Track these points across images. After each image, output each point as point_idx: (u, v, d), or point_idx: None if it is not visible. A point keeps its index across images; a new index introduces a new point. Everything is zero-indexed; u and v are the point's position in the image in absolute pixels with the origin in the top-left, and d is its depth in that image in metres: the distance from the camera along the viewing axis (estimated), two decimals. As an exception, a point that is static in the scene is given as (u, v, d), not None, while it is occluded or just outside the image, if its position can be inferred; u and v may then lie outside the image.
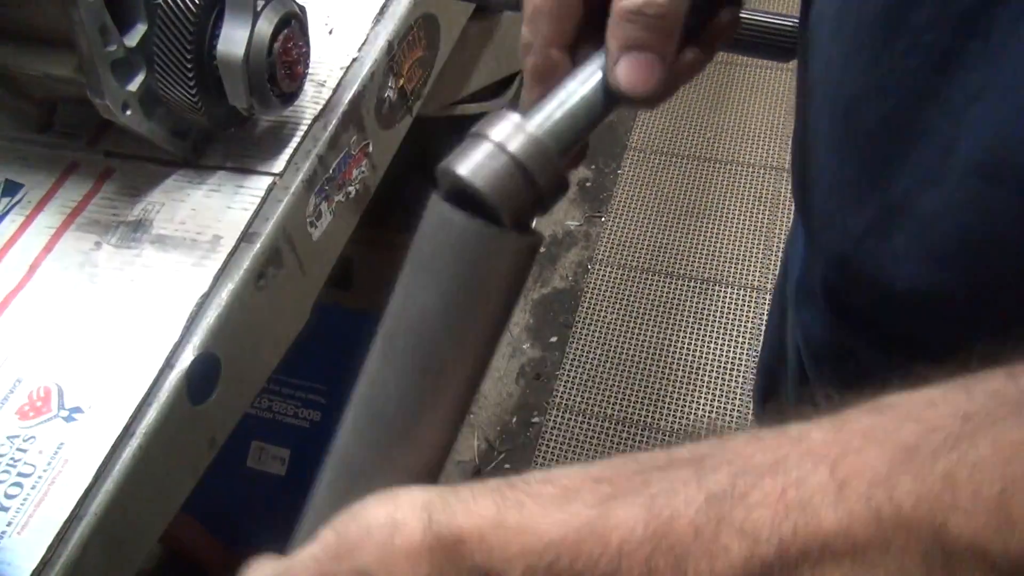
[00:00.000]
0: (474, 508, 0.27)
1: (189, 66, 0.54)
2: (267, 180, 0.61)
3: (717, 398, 1.54)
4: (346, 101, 0.67)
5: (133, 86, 0.54)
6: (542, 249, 1.83)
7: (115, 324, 0.54)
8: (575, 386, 1.59)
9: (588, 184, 1.95)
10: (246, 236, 0.58)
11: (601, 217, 1.87)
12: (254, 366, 0.60)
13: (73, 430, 0.49)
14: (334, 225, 0.67)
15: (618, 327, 1.67)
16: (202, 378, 0.54)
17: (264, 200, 0.60)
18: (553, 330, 1.69)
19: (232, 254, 0.57)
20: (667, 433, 1.51)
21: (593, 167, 1.98)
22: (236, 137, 0.64)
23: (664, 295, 1.71)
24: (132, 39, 0.53)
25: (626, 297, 1.72)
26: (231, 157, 0.63)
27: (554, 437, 1.53)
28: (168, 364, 0.52)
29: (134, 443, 0.49)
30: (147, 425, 0.50)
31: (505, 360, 1.66)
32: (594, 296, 1.73)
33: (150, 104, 0.57)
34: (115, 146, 0.65)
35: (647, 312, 1.69)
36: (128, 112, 0.54)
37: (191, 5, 0.53)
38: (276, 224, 0.59)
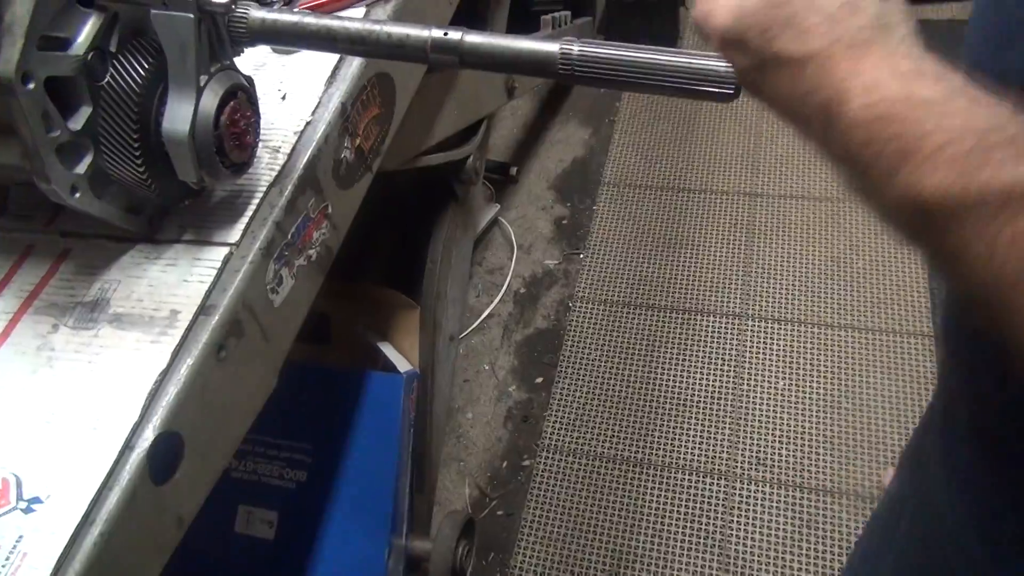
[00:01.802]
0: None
1: (136, 145, 0.54)
2: (223, 251, 0.60)
3: (706, 428, 1.53)
4: (301, 165, 0.67)
5: (81, 168, 0.54)
6: (522, 290, 1.83)
7: (74, 408, 0.53)
8: (564, 426, 1.58)
9: (564, 222, 1.96)
10: (204, 309, 0.58)
11: (580, 254, 1.88)
12: (220, 439, 0.59)
13: (32, 521, 0.48)
14: (296, 289, 0.67)
15: (603, 363, 1.67)
16: (164, 457, 0.53)
17: (221, 271, 0.59)
18: (538, 371, 1.69)
19: (190, 328, 0.56)
20: (659, 468, 1.49)
21: (569, 204, 2.00)
22: (192, 209, 0.64)
23: (646, 328, 1.71)
24: (77, 122, 0.53)
25: (609, 333, 1.72)
26: (188, 229, 0.63)
27: (546, 479, 1.52)
28: (128, 445, 0.51)
29: (95, 531, 0.48)
30: (108, 511, 0.49)
31: (492, 404, 1.65)
32: (577, 334, 1.73)
33: (101, 184, 0.57)
34: (71, 225, 0.65)
35: (631, 346, 1.69)
36: (77, 195, 0.54)
37: (134, 85, 0.53)
38: (234, 294, 0.59)
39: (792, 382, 1.58)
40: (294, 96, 0.73)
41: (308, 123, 0.70)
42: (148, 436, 0.52)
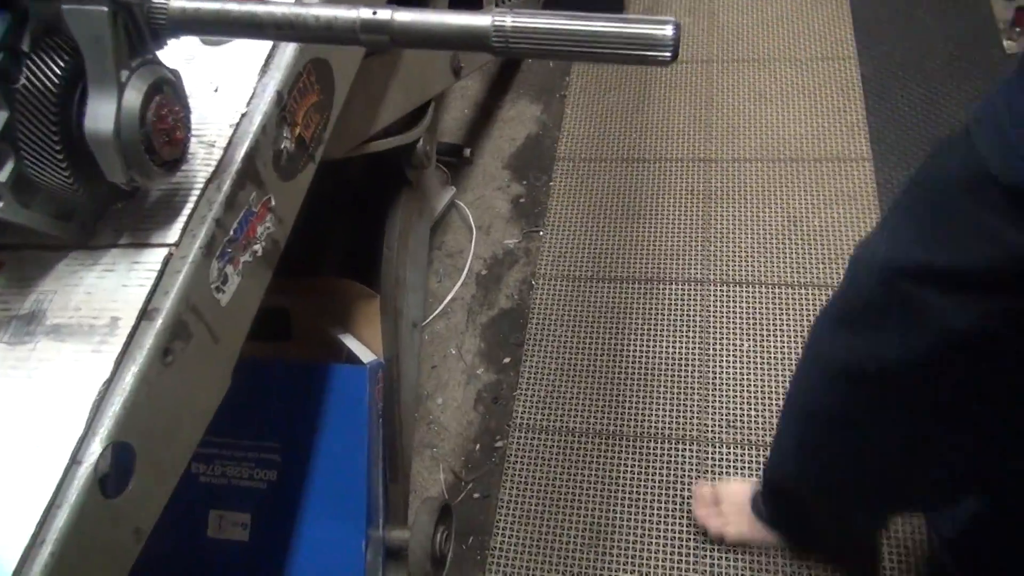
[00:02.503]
0: None
1: (58, 148, 0.52)
2: (162, 252, 0.58)
3: (675, 395, 1.54)
4: (239, 159, 0.65)
5: (2, 176, 0.52)
6: (484, 271, 1.82)
7: (15, 426, 0.51)
8: (534, 404, 1.58)
9: (522, 200, 1.95)
10: (146, 313, 0.56)
11: (539, 231, 1.87)
12: (173, 445, 0.58)
13: (-22, 547, 0.46)
14: (244, 286, 0.65)
15: (569, 339, 1.67)
16: (115, 469, 0.51)
17: (161, 273, 0.57)
18: (505, 351, 1.68)
19: (132, 334, 0.54)
20: (631, 439, 1.50)
21: (525, 182, 1.98)
22: (127, 211, 0.62)
23: (610, 300, 1.71)
24: (-6, 129, 0.51)
25: (573, 308, 1.71)
26: (124, 233, 0.61)
27: (520, 459, 1.52)
28: (75, 460, 0.50)
29: (44, 551, 0.46)
30: (58, 529, 0.47)
31: (461, 388, 1.64)
32: (542, 311, 1.72)
33: (26, 191, 0.54)
34: (1, 237, 0.62)
35: (596, 320, 1.69)
36: (0, 204, 0.52)
37: (51, 85, 0.51)
38: (177, 296, 0.57)
39: (756, 343, 1.59)
40: (227, 88, 0.70)
41: (243, 115, 0.68)
42: (95, 449, 0.50)
